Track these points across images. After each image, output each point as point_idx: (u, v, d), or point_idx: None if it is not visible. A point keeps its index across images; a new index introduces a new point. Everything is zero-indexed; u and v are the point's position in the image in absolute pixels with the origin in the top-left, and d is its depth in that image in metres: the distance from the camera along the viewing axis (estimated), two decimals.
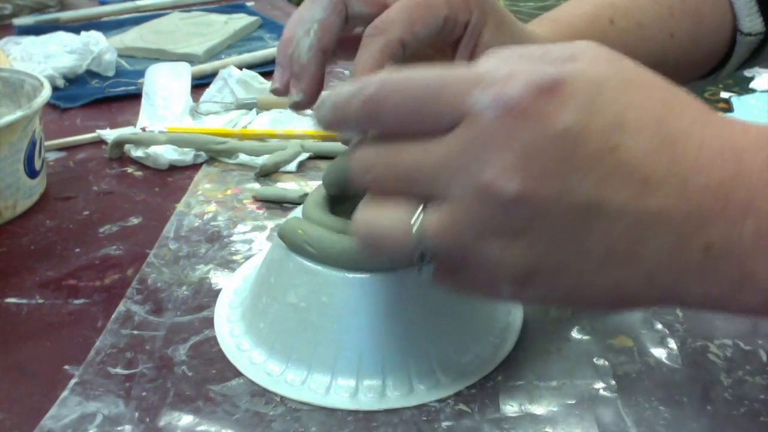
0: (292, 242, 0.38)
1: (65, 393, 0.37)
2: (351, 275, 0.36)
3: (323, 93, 0.31)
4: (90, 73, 0.82)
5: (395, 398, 0.36)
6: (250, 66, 0.81)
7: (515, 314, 0.41)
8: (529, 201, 0.26)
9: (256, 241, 0.50)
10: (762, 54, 0.56)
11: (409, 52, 0.37)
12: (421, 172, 0.28)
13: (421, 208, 0.28)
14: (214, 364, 0.39)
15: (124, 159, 0.63)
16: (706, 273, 0.27)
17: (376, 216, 0.29)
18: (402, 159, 0.28)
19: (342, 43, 0.40)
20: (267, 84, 0.73)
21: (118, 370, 0.38)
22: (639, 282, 0.27)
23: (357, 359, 0.37)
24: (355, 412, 0.36)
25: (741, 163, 0.26)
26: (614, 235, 0.26)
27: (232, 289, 0.45)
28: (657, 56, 0.52)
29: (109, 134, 0.66)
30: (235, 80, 0.72)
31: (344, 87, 0.30)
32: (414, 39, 0.36)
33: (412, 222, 0.28)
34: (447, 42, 0.39)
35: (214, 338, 0.41)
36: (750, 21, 0.53)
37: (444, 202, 0.27)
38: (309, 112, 0.69)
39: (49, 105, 0.73)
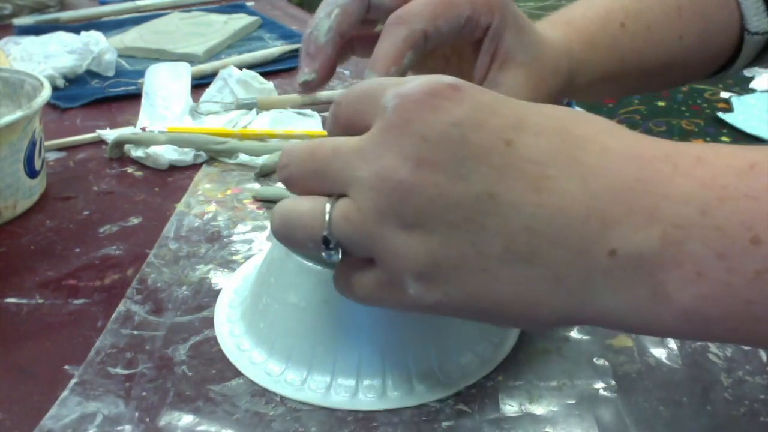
0: None
1: (65, 393, 0.37)
2: None
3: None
4: (90, 73, 0.81)
5: (395, 398, 0.36)
6: (250, 66, 0.81)
7: None
8: (422, 188, 0.27)
9: (256, 241, 0.50)
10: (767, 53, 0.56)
11: (430, 46, 0.37)
12: (332, 165, 0.29)
13: (333, 198, 0.29)
14: (214, 364, 0.39)
15: (124, 159, 0.63)
16: (616, 281, 0.26)
17: (291, 205, 0.31)
18: (318, 153, 0.30)
19: (361, 39, 0.41)
20: (267, 84, 0.73)
21: (118, 370, 0.38)
22: (546, 284, 0.27)
23: (357, 359, 0.37)
24: (355, 412, 0.36)
25: (645, 171, 0.26)
26: (511, 230, 0.26)
27: (232, 289, 0.45)
28: (665, 59, 0.52)
29: (109, 134, 0.66)
30: (235, 80, 0.72)
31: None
32: (436, 33, 0.37)
33: (323, 210, 0.29)
34: (467, 42, 0.40)
35: (214, 338, 0.41)
36: (757, 20, 0.53)
37: (350, 191, 0.29)
38: (308, 112, 0.69)
39: (49, 105, 0.73)
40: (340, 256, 0.30)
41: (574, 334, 0.40)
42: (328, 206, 0.29)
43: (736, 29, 0.53)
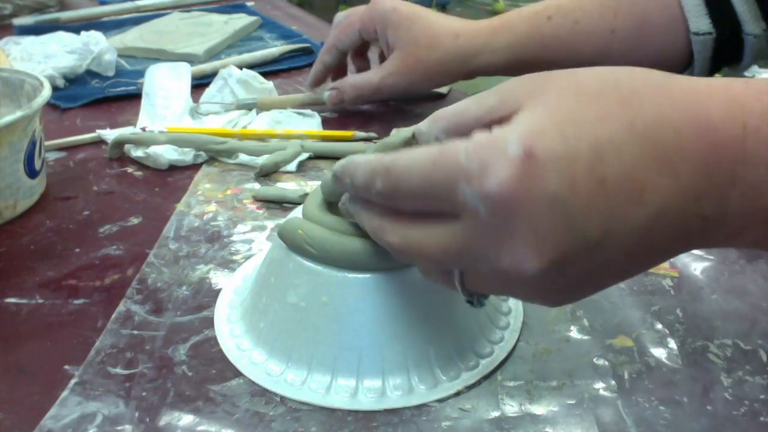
0: (292, 242, 0.38)
1: (65, 393, 0.37)
2: (351, 275, 0.36)
3: (344, 159, 0.34)
4: (90, 73, 0.82)
5: (395, 398, 0.36)
6: (250, 66, 0.81)
7: (515, 314, 0.41)
8: (551, 269, 0.27)
9: (256, 241, 0.50)
10: (735, 57, 0.60)
11: (342, 51, 0.69)
12: (443, 254, 0.30)
13: (459, 279, 0.31)
14: (214, 364, 0.39)
15: (124, 159, 0.63)
16: (706, 236, 0.29)
17: (428, 277, 0.34)
18: (421, 242, 0.30)
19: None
20: (267, 84, 0.73)
21: (118, 370, 0.38)
22: (658, 261, 0.30)
23: (357, 359, 0.37)
24: (355, 412, 0.36)
25: (717, 136, 0.28)
26: (629, 245, 0.28)
27: (232, 289, 0.45)
28: (599, 48, 0.61)
29: (109, 134, 0.66)
30: (235, 80, 0.72)
31: (361, 158, 0.32)
32: (342, 44, 0.68)
33: (455, 282, 0.31)
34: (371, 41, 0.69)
35: (214, 338, 0.41)
36: (697, 20, 0.58)
37: (475, 274, 0.30)
38: (308, 112, 0.70)
39: (49, 105, 0.73)
40: (486, 301, 0.33)
41: (575, 334, 0.40)
42: (458, 285, 0.31)
43: (680, 30, 0.59)
